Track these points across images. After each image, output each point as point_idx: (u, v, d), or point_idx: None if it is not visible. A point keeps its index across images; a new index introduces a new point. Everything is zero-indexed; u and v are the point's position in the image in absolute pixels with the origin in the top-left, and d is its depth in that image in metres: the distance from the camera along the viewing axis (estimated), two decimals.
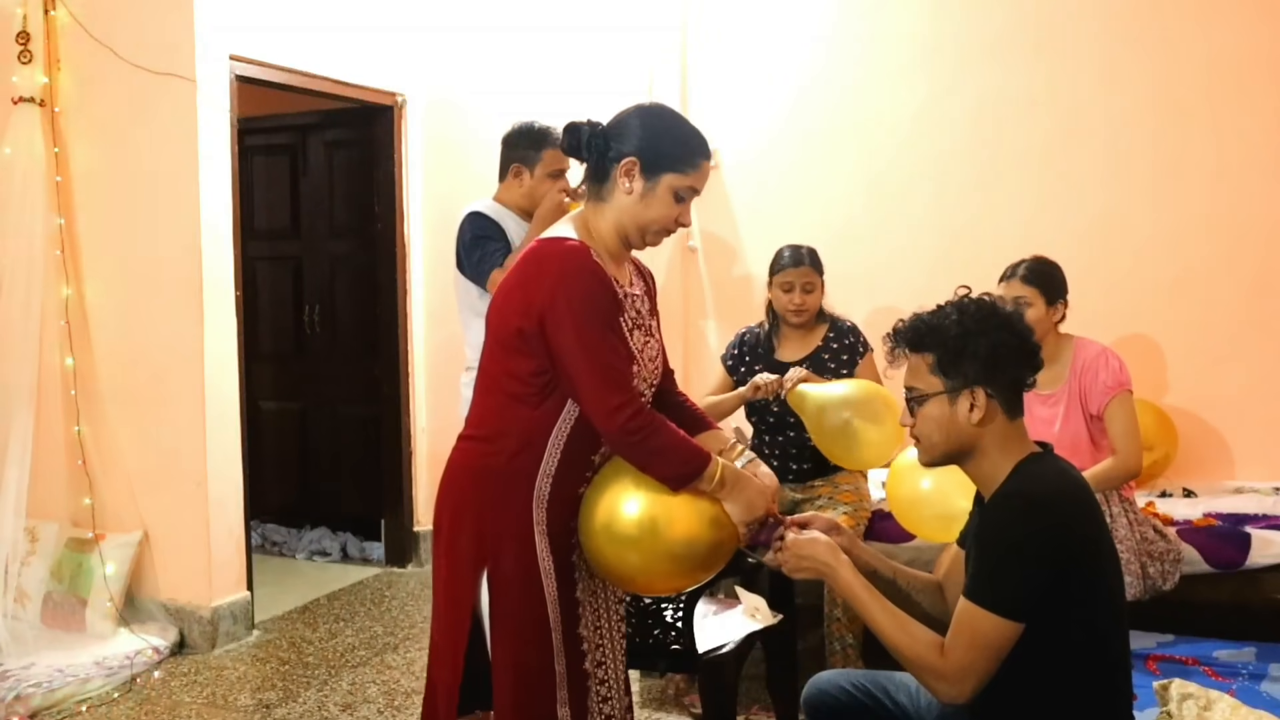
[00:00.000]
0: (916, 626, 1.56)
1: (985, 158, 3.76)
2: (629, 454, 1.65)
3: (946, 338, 1.60)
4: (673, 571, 1.68)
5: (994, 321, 1.60)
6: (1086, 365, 2.68)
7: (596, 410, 1.62)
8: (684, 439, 1.67)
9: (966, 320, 1.60)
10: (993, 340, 1.58)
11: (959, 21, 3.78)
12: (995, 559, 1.51)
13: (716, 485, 1.65)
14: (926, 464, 1.68)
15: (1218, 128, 3.45)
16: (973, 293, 1.67)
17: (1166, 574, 2.57)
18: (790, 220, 3.93)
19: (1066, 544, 1.49)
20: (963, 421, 1.59)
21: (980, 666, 1.49)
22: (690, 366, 4.08)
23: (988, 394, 1.58)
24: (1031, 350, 1.62)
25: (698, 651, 2.22)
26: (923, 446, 1.66)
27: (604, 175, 1.71)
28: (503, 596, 1.69)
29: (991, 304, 1.64)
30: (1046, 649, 1.51)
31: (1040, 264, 2.75)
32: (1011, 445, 1.60)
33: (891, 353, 1.68)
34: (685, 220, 1.74)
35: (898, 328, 1.67)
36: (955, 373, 1.59)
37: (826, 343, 3.02)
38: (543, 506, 1.68)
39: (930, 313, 1.64)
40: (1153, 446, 3.38)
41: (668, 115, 1.77)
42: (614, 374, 1.63)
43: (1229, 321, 3.46)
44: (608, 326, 1.65)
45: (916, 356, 1.64)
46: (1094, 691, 1.55)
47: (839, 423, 2.63)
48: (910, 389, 1.65)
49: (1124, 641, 1.60)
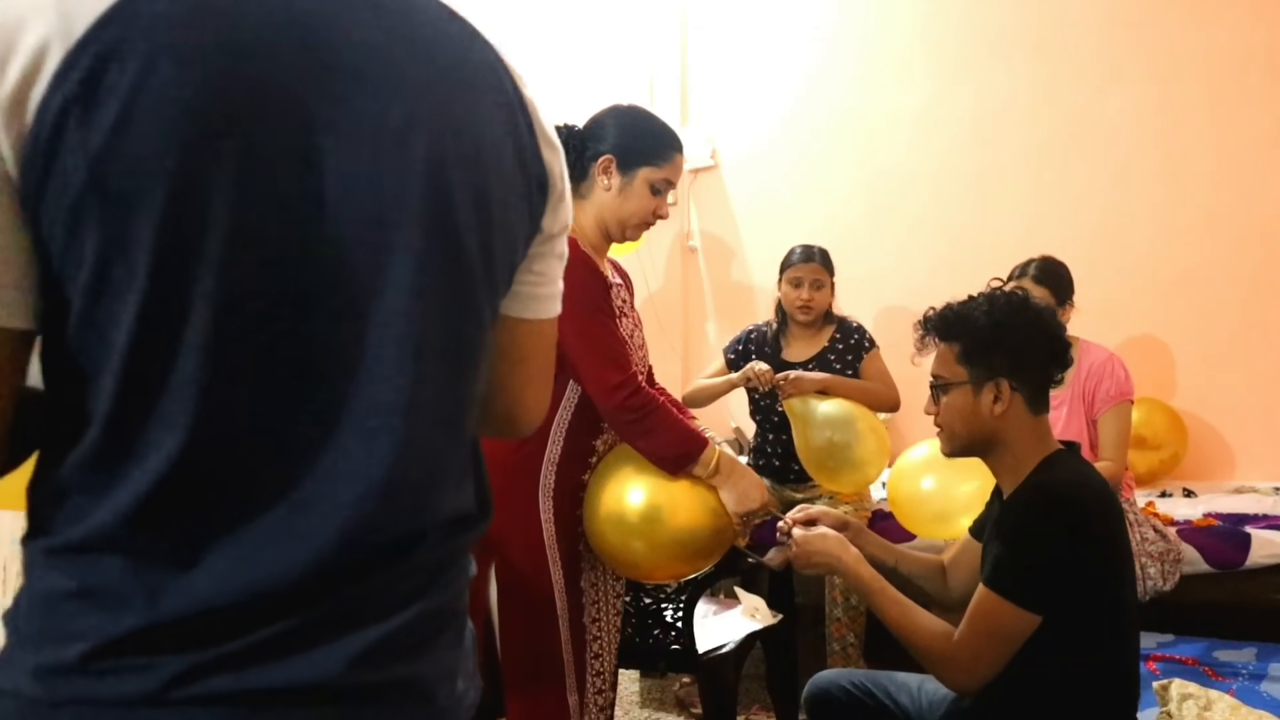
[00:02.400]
0: (926, 616, 1.56)
1: (986, 158, 3.77)
2: (627, 432, 1.69)
3: (975, 328, 1.60)
4: (675, 558, 1.71)
5: (1024, 316, 1.61)
6: (1093, 370, 2.66)
7: (596, 388, 1.67)
8: (682, 421, 1.71)
9: (996, 312, 1.60)
10: (1021, 334, 1.59)
11: (959, 22, 3.78)
12: (1019, 551, 1.50)
13: (713, 471, 1.68)
14: (948, 454, 1.69)
15: (1219, 127, 3.46)
16: (1005, 286, 1.68)
17: (1166, 574, 2.57)
18: (790, 220, 3.93)
19: (1089, 541, 1.49)
20: (985, 413, 1.59)
21: (994, 655, 1.48)
22: (690, 366, 4.08)
23: (1012, 387, 1.58)
24: (1060, 348, 1.63)
25: (698, 651, 2.22)
26: (944, 435, 1.67)
27: (583, 174, 1.78)
28: (511, 587, 1.72)
29: (1024, 298, 1.64)
30: (1058, 647, 1.51)
31: (1050, 264, 2.73)
32: (1034, 441, 1.60)
33: (921, 340, 1.69)
34: (663, 212, 1.81)
35: (928, 315, 1.68)
36: (981, 363, 1.59)
37: (833, 343, 3.01)
38: (549, 496, 1.71)
39: (961, 303, 1.65)
40: (1161, 446, 3.38)
41: (640, 114, 1.83)
42: (612, 353, 1.68)
43: (1229, 321, 3.46)
44: (601, 310, 1.71)
45: (944, 345, 1.65)
46: (1102, 693, 1.55)
47: (822, 441, 2.63)
48: (936, 377, 1.66)
49: (1134, 645, 1.60)
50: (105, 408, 0.64)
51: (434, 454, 0.74)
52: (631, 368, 1.70)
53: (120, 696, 0.64)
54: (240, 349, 0.65)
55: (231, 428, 0.66)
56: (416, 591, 0.74)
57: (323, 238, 0.67)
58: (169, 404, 0.64)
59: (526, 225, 0.83)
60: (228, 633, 0.65)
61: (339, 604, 0.69)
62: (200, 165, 0.63)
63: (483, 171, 0.76)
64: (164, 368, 0.64)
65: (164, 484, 0.64)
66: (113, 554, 0.65)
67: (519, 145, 0.80)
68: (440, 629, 0.77)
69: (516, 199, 0.80)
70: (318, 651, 0.67)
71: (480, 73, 0.77)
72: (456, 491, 0.78)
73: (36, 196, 0.61)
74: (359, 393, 0.69)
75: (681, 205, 4.17)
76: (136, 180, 0.61)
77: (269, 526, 0.67)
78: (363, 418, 0.69)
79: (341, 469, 0.69)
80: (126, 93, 0.60)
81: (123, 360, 0.63)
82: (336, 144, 0.68)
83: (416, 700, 0.74)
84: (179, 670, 0.64)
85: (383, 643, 0.70)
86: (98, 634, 0.64)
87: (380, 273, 0.70)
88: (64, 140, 0.60)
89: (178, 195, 0.62)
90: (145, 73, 0.61)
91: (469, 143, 0.74)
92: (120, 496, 0.64)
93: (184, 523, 0.66)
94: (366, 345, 0.69)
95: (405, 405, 0.71)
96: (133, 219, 0.61)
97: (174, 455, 0.64)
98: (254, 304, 0.65)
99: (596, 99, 1.87)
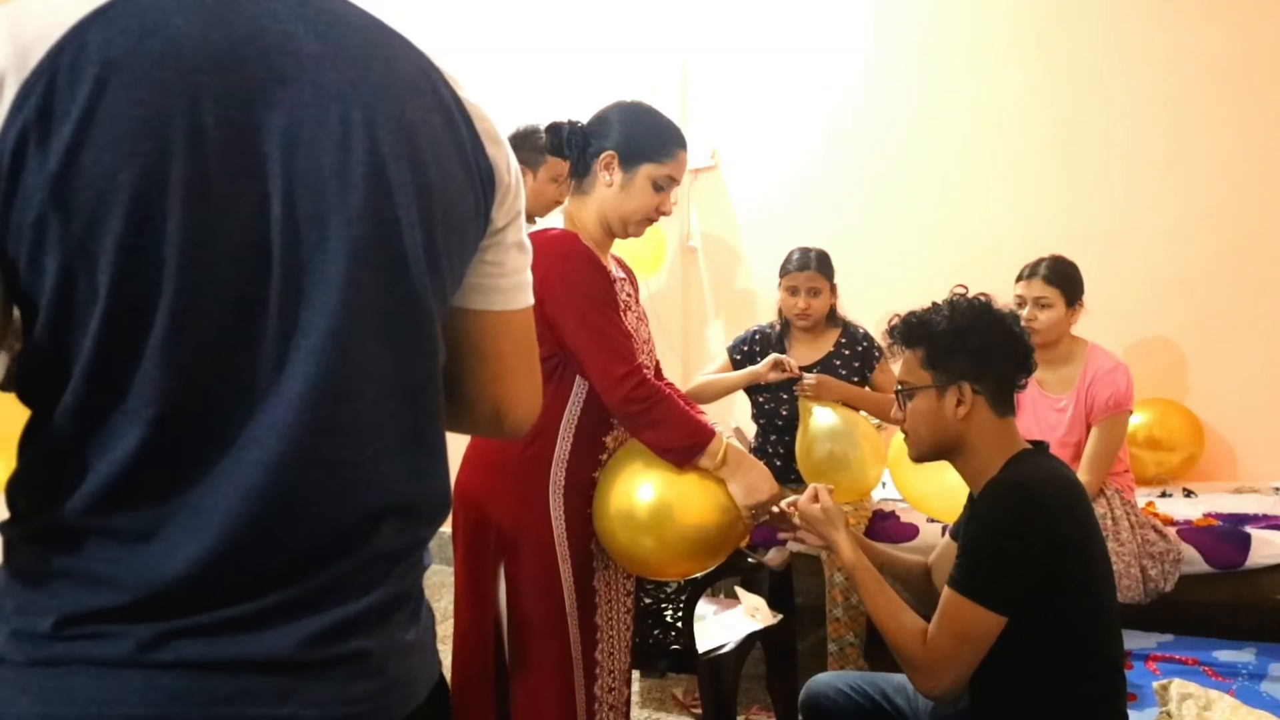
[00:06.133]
0: (909, 615, 1.58)
1: (986, 158, 3.76)
2: (634, 424, 1.69)
3: (936, 333, 1.63)
4: (686, 554, 1.71)
5: (985, 320, 1.63)
6: (1097, 377, 2.64)
7: (602, 381, 1.67)
8: (689, 413, 1.70)
9: (957, 317, 1.63)
10: (982, 337, 1.61)
11: (959, 22, 3.78)
12: (982, 551, 1.52)
13: (720, 462, 1.68)
14: (915, 458, 1.70)
15: (1222, 126, 3.45)
16: (969, 292, 1.69)
17: (1166, 574, 2.56)
18: (790, 221, 3.93)
19: (1053, 539, 1.49)
20: (949, 416, 1.61)
21: (961, 658, 1.49)
22: (690, 366, 4.08)
23: (974, 390, 1.60)
24: (1022, 351, 1.64)
25: (698, 651, 2.22)
26: (911, 440, 1.69)
27: (585, 170, 1.79)
28: (520, 584, 1.73)
29: (985, 303, 1.66)
30: (1035, 646, 1.51)
31: (1061, 264, 2.72)
32: (1000, 443, 1.61)
33: (889, 348, 1.73)
34: (666, 209, 1.80)
35: (893, 324, 1.71)
36: (943, 368, 1.62)
37: (838, 348, 3.01)
38: (559, 493, 1.72)
39: (924, 309, 1.69)
40: (1176, 448, 3.36)
41: (644, 110, 1.83)
42: (616, 345, 1.68)
43: (1229, 322, 3.46)
44: (605, 303, 1.71)
45: (909, 351, 1.67)
46: (1086, 692, 1.55)
47: (823, 454, 2.65)
48: (901, 383, 1.69)
49: (1116, 640, 1.60)
50: (73, 405, 0.69)
51: (369, 442, 0.78)
52: (636, 359, 1.69)
53: (91, 658, 0.70)
54: (195, 346, 0.70)
55: (189, 417, 0.71)
56: (377, 579, 0.79)
57: (269, 240, 0.72)
58: (132, 400, 0.70)
59: (474, 219, 0.86)
60: (195, 606, 0.71)
61: (303, 587, 0.75)
62: (154, 179, 0.68)
63: (422, 168, 0.79)
64: (127, 368, 0.69)
65: (128, 472, 0.70)
66: (84, 535, 0.71)
67: (458, 142, 0.83)
68: (395, 610, 0.82)
69: (461, 193, 0.84)
70: (275, 631, 0.73)
71: (413, 77, 0.81)
72: (409, 480, 0.82)
73: (3, 216, 0.66)
74: (287, 385, 0.73)
75: (682, 205, 4.17)
76: (94, 197, 0.66)
77: (222, 510, 0.72)
78: (282, 416, 0.73)
79: (259, 465, 0.73)
80: (80, 115, 0.66)
81: (89, 363, 0.69)
82: (280, 151, 0.72)
83: (369, 674, 0.78)
84: (149, 636, 0.70)
85: (338, 624, 0.76)
86: (72, 605, 0.70)
87: (323, 269, 0.74)
88: (25, 163, 0.65)
89: (134, 209, 0.67)
90: (96, 95, 0.66)
91: (406, 142, 0.78)
92: (89, 484, 0.70)
93: (149, 505, 0.71)
94: (306, 340, 0.74)
95: (336, 394, 0.75)
96: (92, 233, 0.67)
97: (136, 446, 0.70)
98: (208, 305, 0.70)
99: (597, 98, 1.87)
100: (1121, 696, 1.59)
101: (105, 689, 0.69)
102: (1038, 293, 2.66)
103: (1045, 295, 2.65)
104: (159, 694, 0.70)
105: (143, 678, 0.69)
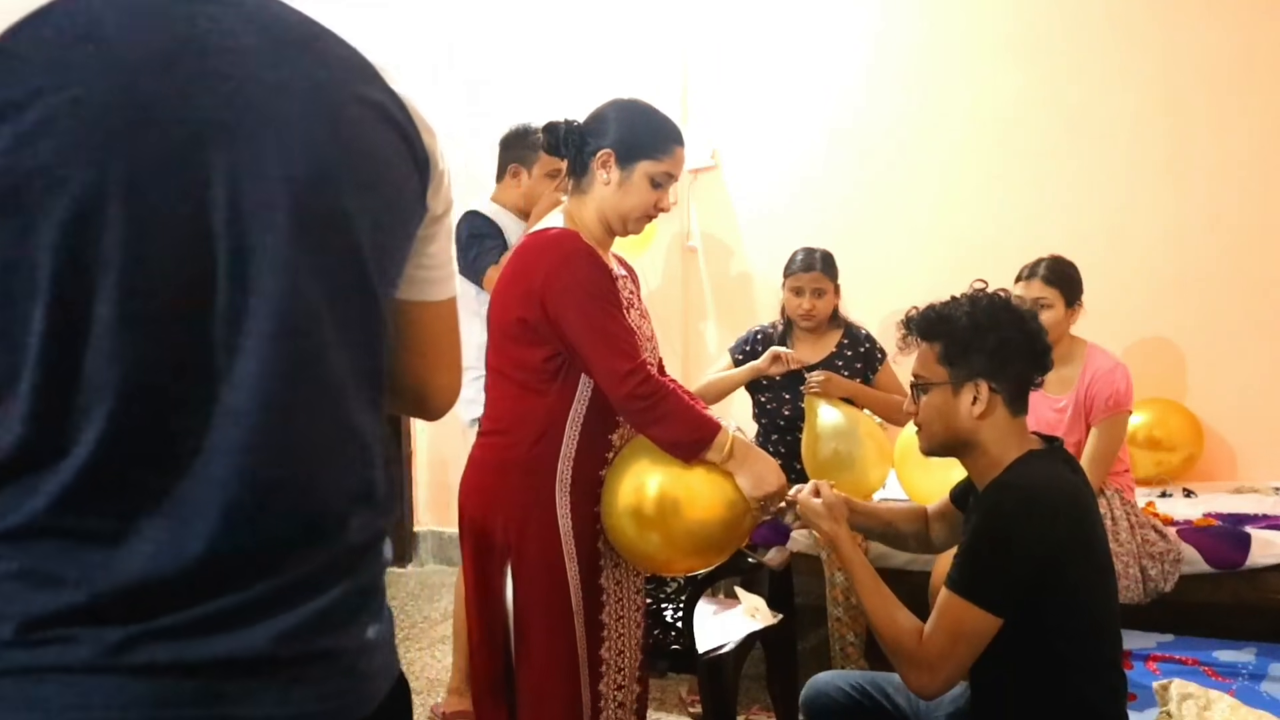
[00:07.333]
0: (903, 612, 1.58)
1: (987, 158, 3.76)
2: (639, 420, 1.69)
3: (955, 328, 1.61)
4: (695, 549, 1.71)
5: (1005, 317, 1.61)
6: (1096, 377, 2.64)
7: (606, 378, 1.67)
8: (693, 407, 1.70)
9: (978, 313, 1.61)
10: (1001, 335, 1.59)
11: (960, 23, 3.78)
12: (981, 552, 1.51)
13: (727, 455, 1.68)
14: (926, 452, 1.70)
15: (1222, 126, 3.45)
16: (989, 287, 1.68)
17: (1166, 574, 2.56)
18: (791, 220, 3.92)
19: (1053, 542, 1.48)
20: (964, 413, 1.60)
21: (956, 658, 1.49)
22: (690, 366, 4.07)
23: (991, 388, 1.58)
24: (1041, 350, 1.63)
25: (698, 651, 2.22)
26: (923, 434, 1.68)
27: (583, 168, 1.79)
28: (527, 582, 1.72)
29: (1005, 300, 1.65)
30: (1035, 647, 1.51)
31: (1060, 264, 2.71)
32: (1011, 441, 1.61)
33: (904, 339, 1.71)
34: (664, 206, 1.80)
35: (911, 315, 1.69)
36: (961, 364, 1.60)
37: (841, 349, 3.01)
38: (566, 491, 1.71)
39: (944, 303, 1.66)
40: (1176, 448, 3.36)
41: (640, 107, 1.83)
42: (619, 342, 1.67)
43: (1228, 322, 3.46)
44: (608, 301, 1.70)
45: (925, 345, 1.66)
46: (1086, 692, 1.54)
47: (828, 453, 2.65)
48: (916, 376, 1.67)
49: (1116, 640, 1.60)
50: (28, 407, 0.69)
51: (330, 429, 0.79)
52: (640, 356, 1.69)
53: (59, 664, 0.68)
54: (144, 344, 0.70)
55: (146, 416, 0.71)
56: (345, 572, 0.80)
57: (213, 235, 0.73)
58: (86, 399, 0.69)
59: (416, 206, 0.89)
60: (163, 607, 0.71)
61: (274, 583, 0.75)
62: (96, 174, 0.68)
63: (367, 157, 0.81)
64: (77, 365, 0.69)
65: (89, 472, 0.69)
66: (47, 538, 0.70)
67: (400, 130, 0.85)
68: (362, 605, 0.83)
69: (405, 180, 0.86)
70: (248, 629, 0.73)
71: (350, 71, 0.83)
72: (366, 467, 0.83)
73: None
74: (239, 381, 0.73)
75: (681, 205, 4.16)
76: (36, 192, 0.66)
77: (187, 506, 0.72)
78: (239, 407, 0.74)
79: (221, 459, 0.73)
80: (22, 113, 0.66)
81: (39, 361, 0.68)
82: (222, 146, 0.73)
83: (340, 671, 0.79)
84: (117, 640, 0.69)
85: (310, 620, 0.76)
86: (38, 608, 0.69)
87: (270, 259, 0.74)
88: None
89: (76, 204, 0.67)
90: (39, 93, 0.67)
91: (349, 133, 0.80)
92: (50, 485, 0.69)
93: (111, 505, 0.71)
94: (257, 326, 0.74)
95: (292, 383, 0.75)
96: (35, 228, 0.67)
97: (94, 446, 0.69)
98: (153, 302, 0.71)
99: (597, 98, 1.87)
100: (1121, 697, 1.59)
101: (77, 695, 0.68)
102: (1037, 293, 2.65)
103: (1045, 296, 2.65)
104: (131, 698, 0.69)
105: (114, 682, 0.69)
